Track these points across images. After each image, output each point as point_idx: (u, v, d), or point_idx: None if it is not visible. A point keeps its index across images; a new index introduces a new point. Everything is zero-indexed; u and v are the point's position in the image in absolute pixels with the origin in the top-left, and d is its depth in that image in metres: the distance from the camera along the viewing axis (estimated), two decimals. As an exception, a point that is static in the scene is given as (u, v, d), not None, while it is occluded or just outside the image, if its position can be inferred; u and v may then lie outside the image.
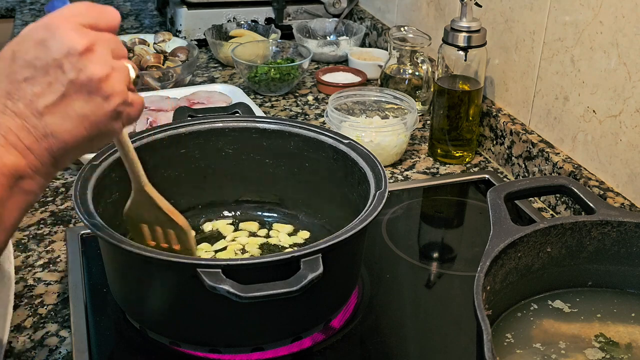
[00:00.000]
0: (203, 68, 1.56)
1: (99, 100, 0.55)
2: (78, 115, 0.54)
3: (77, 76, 0.53)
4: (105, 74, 0.54)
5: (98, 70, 0.54)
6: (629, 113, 0.94)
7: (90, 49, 0.54)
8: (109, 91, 0.55)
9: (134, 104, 0.59)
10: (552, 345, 0.70)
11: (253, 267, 0.68)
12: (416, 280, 0.92)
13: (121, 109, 0.56)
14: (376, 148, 1.12)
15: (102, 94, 0.55)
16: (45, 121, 0.53)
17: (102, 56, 0.55)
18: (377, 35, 1.65)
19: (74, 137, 0.55)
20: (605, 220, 0.73)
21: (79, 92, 0.54)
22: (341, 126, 1.13)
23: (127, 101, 0.57)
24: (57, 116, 0.54)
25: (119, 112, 0.56)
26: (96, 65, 0.54)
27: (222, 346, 0.76)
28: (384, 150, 1.14)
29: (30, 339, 0.79)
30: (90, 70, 0.54)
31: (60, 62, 0.53)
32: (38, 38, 0.53)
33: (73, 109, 0.54)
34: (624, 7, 0.92)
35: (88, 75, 0.54)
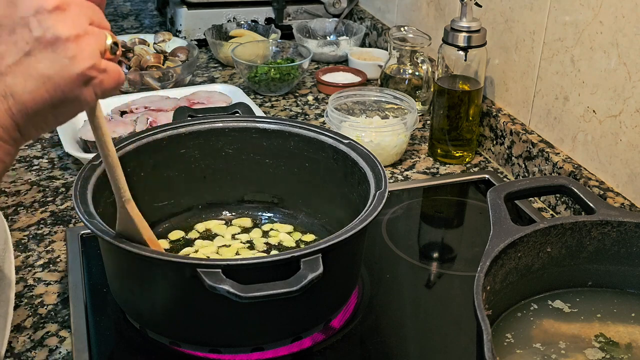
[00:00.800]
0: (203, 68, 1.56)
1: (64, 61, 0.51)
2: (40, 75, 0.51)
3: (43, 34, 0.51)
4: (74, 34, 0.51)
5: (66, 30, 0.51)
6: (629, 113, 0.94)
7: (62, 7, 0.51)
8: (76, 52, 0.51)
9: (109, 72, 0.54)
10: (552, 345, 0.70)
11: (253, 267, 0.68)
12: (416, 280, 0.92)
13: (91, 73, 0.53)
14: (376, 148, 1.12)
15: (69, 54, 0.51)
16: (6, 81, 0.51)
17: (74, 17, 0.52)
18: (377, 35, 1.65)
19: (35, 99, 0.52)
20: (605, 220, 0.73)
21: (44, 51, 0.51)
22: (341, 126, 1.13)
23: (99, 67, 0.53)
24: (19, 76, 0.51)
25: (88, 77, 0.53)
26: (65, 24, 0.51)
27: (222, 346, 0.76)
28: (384, 150, 1.14)
29: (30, 339, 0.79)
30: (58, 28, 0.51)
31: (28, 19, 0.50)
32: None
33: (36, 68, 0.51)
34: (624, 7, 0.92)
35: (55, 33, 0.51)
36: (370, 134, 1.13)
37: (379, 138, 1.13)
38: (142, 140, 0.87)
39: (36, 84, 0.51)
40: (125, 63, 1.40)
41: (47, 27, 0.51)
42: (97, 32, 0.54)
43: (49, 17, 0.51)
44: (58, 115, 0.54)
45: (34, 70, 0.51)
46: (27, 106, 0.52)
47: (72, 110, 0.55)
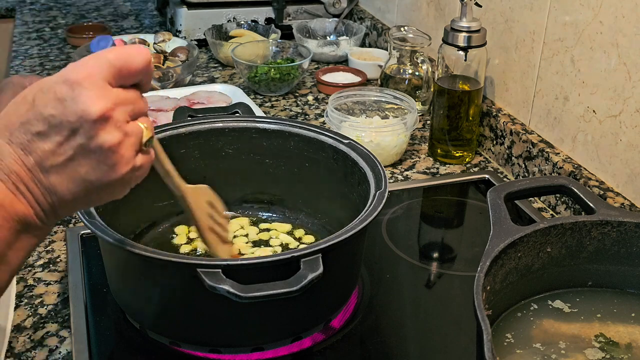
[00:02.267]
0: (203, 68, 1.56)
1: (105, 169, 0.55)
2: (83, 179, 0.55)
3: (87, 142, 0.53)
4: (115, 143, 0.54)
5: (109, 140, 0.54)
6: (629, 113, 0.94)
7: (107, 116, 0.53)
8: (117, 160, 0.55)
9: (143, 166, 0.58)
10: (552, 345, 0.70)
11: (253, 267, 0.68)
12: (416, 280, 0.92)
13: (128, 176, 0.57)
14: (376, 148, 1.12)
15: (110, 163, 0.55)
16: (50, 179, 0.54)
17: (116, 123, 0.54)
18: (377, 35, 1.65)
19: (75, 198, 0.56)
20: (605, 220, 0.73)
21: (87, 158, 0.54)
22: (341, 126, 1.13)
23: (136, 167, 0.57)
24: (62, 176, 0.55)
25: (127, 178, 0.57)
26: (108, 134, 0.54)
27: (222, 346, 0.76)
28: (384, 150, 1.14)
29: (30, 339, 0.79)
30: (102, 138, 0.54)
31: (74, 125, 0.53)
32: (59, 94, 0.53)
33: (79, 172, 0.55)
34: (624, 7, 0.92)
35: (98, 143, 0.54)
36: (370, 134, 1.13)
37: (379, 138, 1.13)
38: (142, 140, 0.87)
39: (77, 186, 0.55)
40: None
41: (90, 136, 0.53)
42: (135, 131, 0.56)
43: (92, 126, 0.53)
44: (94, 204, 0.59)
45: (76, 174, 0.55)
46: (68, 202, 0.56)
47: (108, 200, 0.59)
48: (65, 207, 0.57)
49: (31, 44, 1.69)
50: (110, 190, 0.57)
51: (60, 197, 0.55)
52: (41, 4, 2.00)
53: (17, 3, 2.01)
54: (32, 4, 2.01)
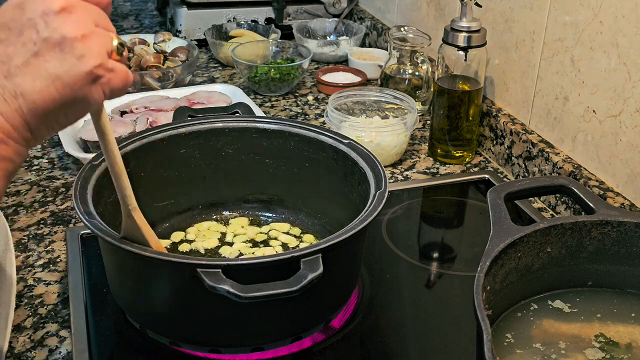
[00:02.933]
0: (203, 68, 1.56)
1: (72, 60, 0.52)
2: (49, 74, 0.52)
3: (50, 34, 0.52)
4: (80, 34, 0.52)
5: (73, 30, 0.52)
6: (629, 113, 0.94)
7: (68, 9, 0.52)
8: (83, 51, 0.53)
9: (116, 72, 0.56)
10: (552, 345, 0.70)
11: (253, 267, 0.68)
12: (416, 280, 0.92)
13: (99, 72, 0.54)
14: (376, 148, 1.12)
15: (76, 54, 0.52)
16: (15, 81, 0.52)
17: (80, 18, 0.53)
18: (377, 35, 1.65)
19: (44, 98, 0.53)
20: (605, 220, 0.73)
21: (52, 51, 0.52)
22: (341, 126, 1.13)
23: (107, 66, 0.54)
24: (28, 76, 0.52)
25: (96, 75, 0.54)
26: (71, 24, 0.52)
27: (222, 346, 0.76)
28: (383, 150, 1.14)
29: (30, 339, 0.79)
30: (65, 28, 0.52)
31: (35, 21, 0.52)
32: (16, 1, 0.53)
33: (45, 67, 0.52)
34: (624, 7, 0.92)
35: (62, 33, 0.52)
36: (370, 134, 1.13)
37: (379, 138, 1.13)
38: (142, 140, 0.87)
39: (45, 83, 0.52)
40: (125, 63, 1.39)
41: (54, 27, 0.52)
42: (103, 32, 0.55)
43: (55, 18, 0.52)
44: (68, 115, 0.55)
45: (42, 70, 0.52)
46: (37, 105, 0.53)
47: (82, 110, 0.56)
48: (36, 113, 0.53)
49: (31, 44, 1.69)
50: (83, 90, 0.54)
51: (27, 98, 0.52)
52: (41, 4, 2.00)
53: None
54: (32, 4, 2.00)
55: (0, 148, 0.52)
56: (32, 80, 0.52)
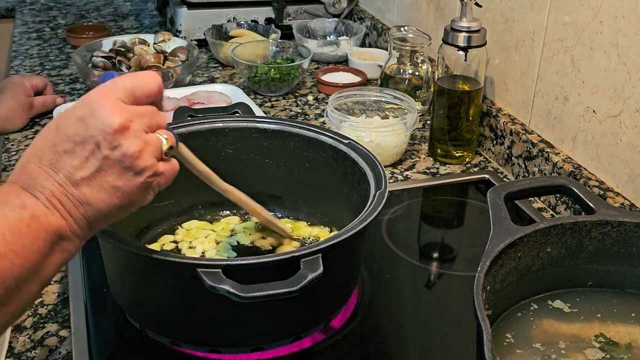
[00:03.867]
0: (203, 68, 1.56)
1: (130, 175, 0.59)
2: (111, 187, 0.59)
3: (111, 153, 0.58)
4: (137, 150, 0.59)
5: (130, 148, 0.59)
6: (629, 113, 0.94)
7: (125, 126, 0.58)
8: (140, 166, 0.59)
9: (165, 173, 0.63)
10: (552, 345, 0.70)
11: (253, 267, 0.68)
12: (416, 280, 0.92)
13: (151, 180, 0.61)
14: (376, 148, 1.12)
15: (134, 169, 0.59)
16: (82, 191, 0.58)
17: (135, 133, 0.59)
18: (377, 35, 1.65)
19: (107, 206, 0.60)
20: (605, 220, 0.73)
21: (113, 167, 0.59)
22: (341, 126, 1.13)
23: (157, 172, 0.61)
24: (93, 187, 0.59)
25: (149, 182, 0.61)
26: (129, 142, 0.59)
27: (222, 346, 0.76)
28: (383, 150, 1.14)
29: (30, 339, 0.79)
30: (124, 147, 0.58)
31: (97, 139, 0.58)
32: (79, 115, 0.59)
33: (107, 181, 0.59)
34: (624, 7, 0.92)
35: (121, 152, 0.58)
36: (370, 134, 1.13)
37: (379, 138, 1.13)
38: (142, 140, 0.87)
39: (108, 194, 0.59)
40: (125, 63, 1.40)
41: (113, 146, 0.58)
42: (155, 140, 0.62)
43: (114, 137, 0.58)
44: (124, 213, 0.62)
45: (105, 183, 0.59)
46: (102, 211, 0.60)
47: (136, 207, 0.63)
48: (100, 217, 0.60)
49: (31, 44, 1.69)
50: (138, 196, 0.61)
51: (93, 207, 0.59)
52: (41, 4, 2.00)
53: (17, 3, 2.01)
54: (32, 4, 2.01)
55: (66, 244, 0.59)
56: (97, 192, 0.59)
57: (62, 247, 0.59)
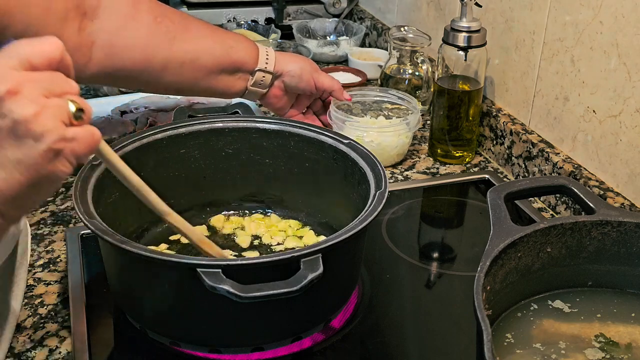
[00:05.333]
0: (203, 68, 1.56)
1: (29, 142, 0.52)
2: (9, 161, 0.52)
3: (2, 122, 0.51)
4: (32, 114, 0.51)
5: (23, 111, 0.51)
6: (629, 113, 0.94)
7: (14, 91, 0.51)
8: (38, 130, 0.52)
9: (78, 139, 0.54)
10: (552, 345, 0.70)
11: (253, 267, 0.68)
12: (416, 280, 0.92)
13: (58, 146, 0.53)
14: (377, 148, 1.12)
15: (31, 135, 0.51)
16: None
17: (28, 96, 0.52)
18: (377, 35, 1.65)
19: (10, 185, 0.52)
20: (605, 220, 0.73)
21: (7, 138, 0.51)
22: (344, 126, 1.13)
23: (66, 137, 0.53)
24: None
25: (57, 150, 0.53)
26: (21, 106, 0.51)
27: (222, 346, 0.76)
28: (384, 151, 1.14)
29: (30, 339, 0.79)
30: (14, 112, 0.51)
31: None
32: None
33: (4, 155, 0.52)
34: (624, 7, 0.92)
35: (13, 118, 0.51)
36: (371, 134, 1.13)
37: (380, 138, 1.13)
38: (142, 140, 0.87)
39: (8, 170, 0.52)
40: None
41: (3, 113, 0.51)
42: (56, 103, 0.53)
43: (3, 104, 0.51)
44: (38, 192, 0.55)
45: (3, 159, 0.52)
46: (4, 192, 0.52)
47: (52, 185, 0.55)
48: (7, 201, 0.53)
49: (31, 44, 1.69)
50: (47, 168, 0.53)
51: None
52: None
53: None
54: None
55: None
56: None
57: None
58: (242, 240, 0.91)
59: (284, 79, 1.11)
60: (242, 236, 0.92)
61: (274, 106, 1.15)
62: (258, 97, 1.12)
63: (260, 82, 1.09)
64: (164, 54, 0.99)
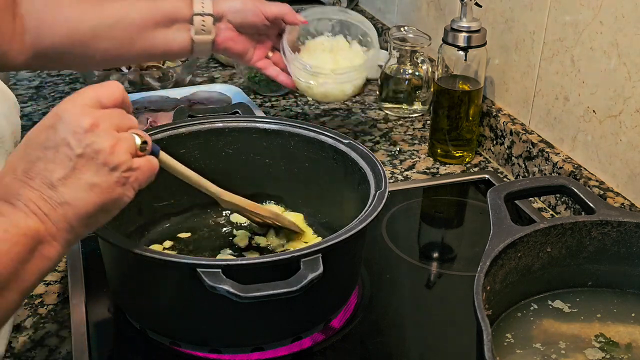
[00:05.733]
0: (203, 68, 1.56)
1: (106, 171, 0.60)
2: (88, 184, 0.59)
3: (84, 151, 0.59)
4: (110, 145, 0.60)
5: (103, 144, 0.59)
6: (629, 113, 0.94)
7: (95, 125, 0.60)
8: (115, 161, 0.60)
9: (141, 168, 0.63)
10: (552, 345, 0.70)
11: (253, 267, 0.68)
12: (416, 280, 0.92)
13: (127, 175, 0.61)
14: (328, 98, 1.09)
15: (109, 165, 0.60)
16: (59, 191, 0.59)
17: (106, 130, 0.60)
18: (377, 35, 1.65)
19: (86, 204, 0.60)
20: (605, 220, 0.73)
21: (87, 165, 0.59)
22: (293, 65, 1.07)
23: (133, 167, 0.62)
24: (70, 187, 0.59)
25: (125, 177, 0.61)
26: (101, 139, 0.59)
27: (222, 346, 0.76)
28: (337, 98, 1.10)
29: (30, 339, 0.79)
30: (97, 144, 0.59)
31: (68, 140, 0.59)
32: (48, 124, 0.60)
33: (83, 179, 0.59)
34: (624, 7, 0.92)
35: (94, 149, 0.59)
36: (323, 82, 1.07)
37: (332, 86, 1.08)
38: (142, 140, 0.87)
39: (86, 192, 0.59)
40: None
41: (85, 145, 0.59)
42: (127, 137, 0.62)
43: (85, 136, 0.59)
44: (105, 214, 0.62)
45: (82, 181, 0.59)
46: (81, 210, 0.60)
47: (118, 207, 0.63)
48: (80, 218, 0.60)
49: (31, 44, 1.69)
50: (117, 193, 0.61)
51: (72, 206, 0.59)
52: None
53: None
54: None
55: (45, 249, 0.58)
56: (75, 191, 0.59)
57: (42, 252, 0.58)
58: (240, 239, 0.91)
59: (228, 17, 1.05)
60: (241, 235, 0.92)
61: (233, 51, 1.08)
62: (210, 46, 1.06)
63: (203, 28, 1.03)
64: (91, 22, 0.98)
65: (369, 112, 1.37)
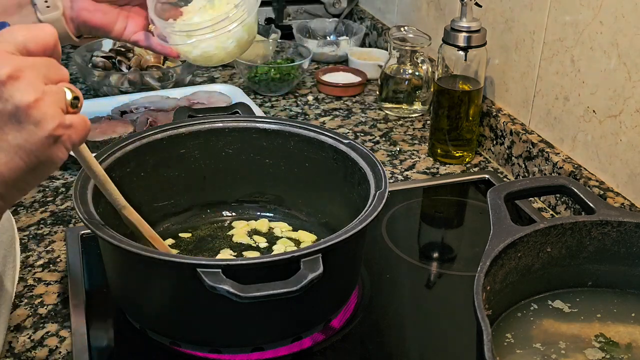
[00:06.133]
0: (203, 68, 1.56)
1: (30, 128, 0.52)
2: (11, 145, 0.53)
3: (3, 106, 0.52)
4: (33, 100, 0.52)
5: (25, 97, 0.52)
6: (629, 113, 0.94)
7: (15, 76, 0.52)
8: (39, 117, 0.52)
9: (74, 126, 0.55)
10: (552, 345, 0.70)
11: (253, 267, 0.68)
12: (416, 280, 0.92)
13: (57, 132, 0.54)
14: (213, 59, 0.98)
15: (32, 121, 0.52)
16: None
17: (29, 82, 0.52)
18: (377, 35, 1.65)
19: (11, 169, 0.53)
20: (605, 220, 0.73)
21: (9, 122, 0.52)
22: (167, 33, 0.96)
23: (64, 124, 0.54)
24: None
25: (56, 136, 0.54)
26: (22, 92, 0.52)
27: (222, 346, 0.76)
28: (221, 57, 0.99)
29: (30, 339, 0.79)
30: (16, 98, 0.52)
31: None
32: None
33: (5, 140, 0.52)
34: (624, 7, 0.92)
35: (14, 103, 0.52)
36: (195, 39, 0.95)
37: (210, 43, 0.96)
38: (142, 140, 0.87)
39: (9, 155, 0.53)
40: (126, 63, 1.40)
41: (5, 98, 0.51)
42: (55, 90, 0.54)
43: (4, 89, 0.51)
44: (36, 176, 0.56)
45: (4, 143, 0.52)
46: (5, 176, 0.53)
47: (48, 169, 0.56)
48: (5, 183, 0.54)
49: (31, 44, 1.69)
50: (46, 154, 0.54)
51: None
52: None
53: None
54: (32, 4, 2.00)
55: None
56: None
57: None
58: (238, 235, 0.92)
59: None
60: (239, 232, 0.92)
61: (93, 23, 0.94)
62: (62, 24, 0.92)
63: (47, 4, 0.89)
64: None
65: (369, 112, 1.37)
